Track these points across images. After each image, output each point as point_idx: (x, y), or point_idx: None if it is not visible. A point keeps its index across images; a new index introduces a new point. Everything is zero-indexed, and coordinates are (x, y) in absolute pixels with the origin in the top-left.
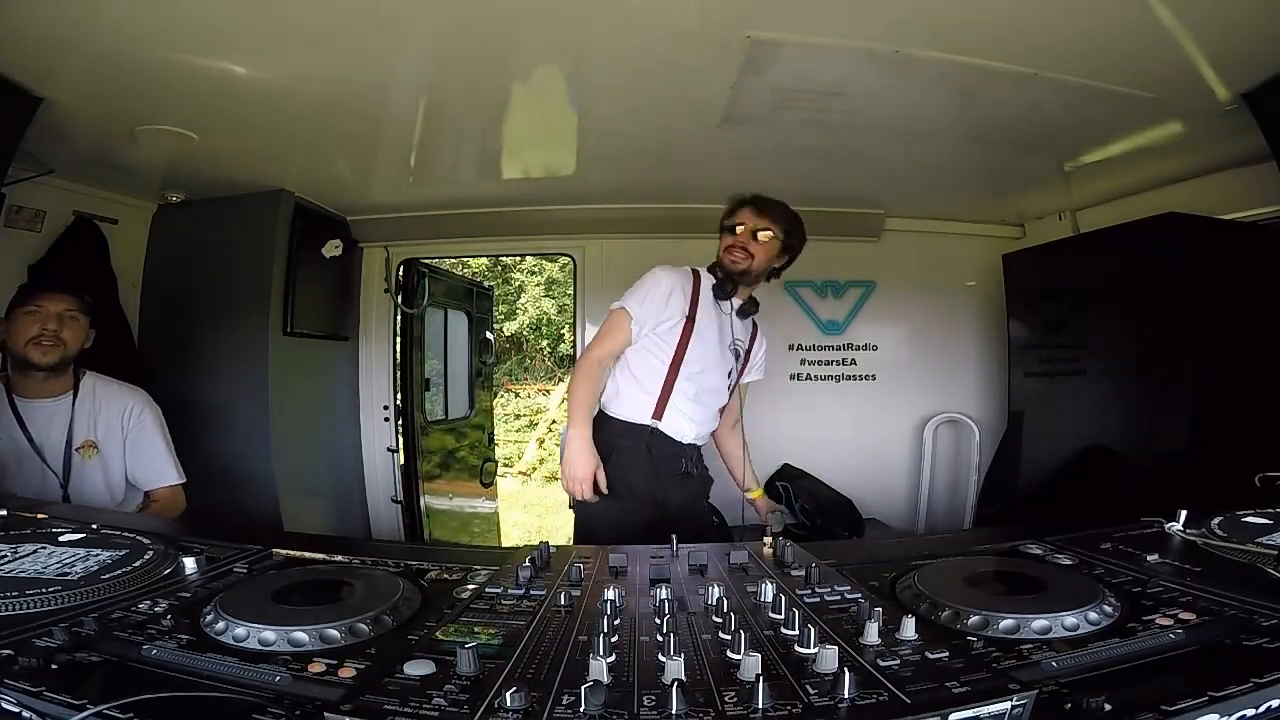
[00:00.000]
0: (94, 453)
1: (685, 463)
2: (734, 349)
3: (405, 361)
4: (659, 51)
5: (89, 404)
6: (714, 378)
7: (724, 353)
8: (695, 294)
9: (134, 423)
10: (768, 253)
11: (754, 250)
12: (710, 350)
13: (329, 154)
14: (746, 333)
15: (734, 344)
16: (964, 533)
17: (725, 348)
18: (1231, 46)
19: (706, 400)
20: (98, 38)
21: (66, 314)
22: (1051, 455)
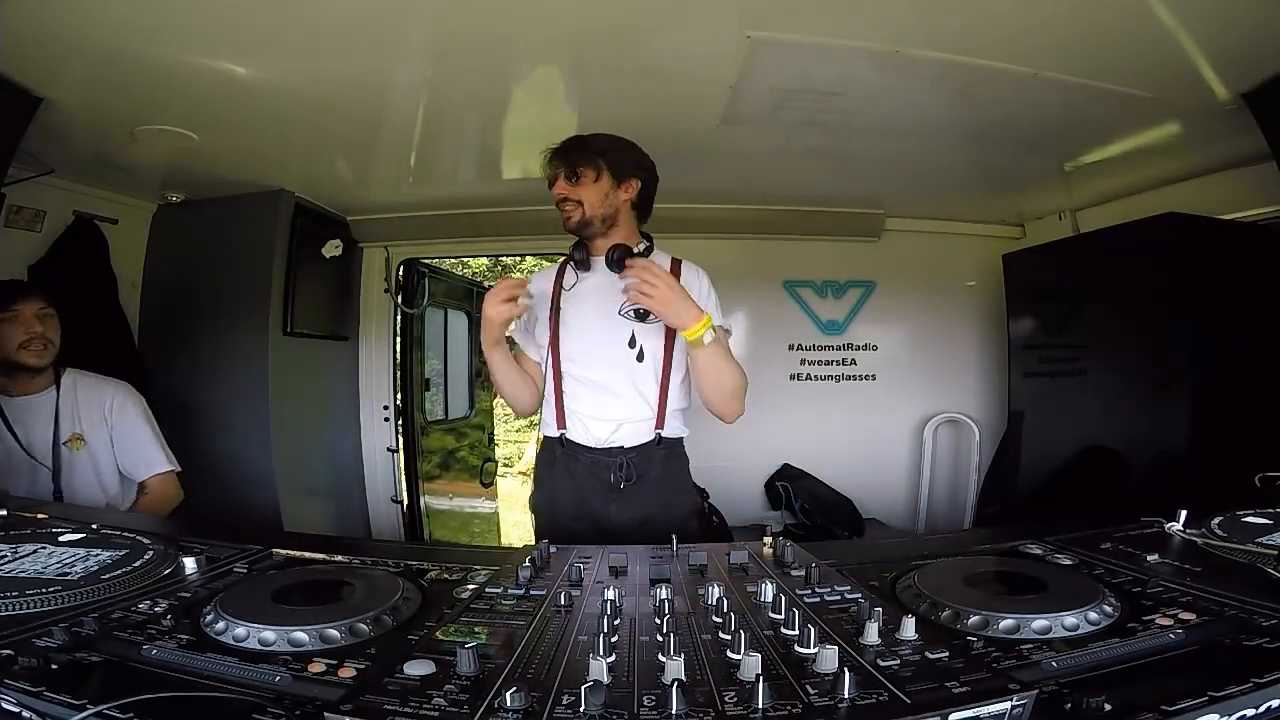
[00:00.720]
0: (81, 445)
1: (614, 474)
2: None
3: (405, 361)
4: (659, 51)
5: (71, 398)
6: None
7: (614, 324)
8: (559, 276)
9: (116, 413)
10: (597, 190)
11: (578, 195)
12: (590, 328)
13: (329, 154)
14: None
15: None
16: (964, 533)
17: (616, 316)
18: (1231, 46)
19: (616, 387)
20: (98, 38)
21: (43, 313)
22: (1051, 455)
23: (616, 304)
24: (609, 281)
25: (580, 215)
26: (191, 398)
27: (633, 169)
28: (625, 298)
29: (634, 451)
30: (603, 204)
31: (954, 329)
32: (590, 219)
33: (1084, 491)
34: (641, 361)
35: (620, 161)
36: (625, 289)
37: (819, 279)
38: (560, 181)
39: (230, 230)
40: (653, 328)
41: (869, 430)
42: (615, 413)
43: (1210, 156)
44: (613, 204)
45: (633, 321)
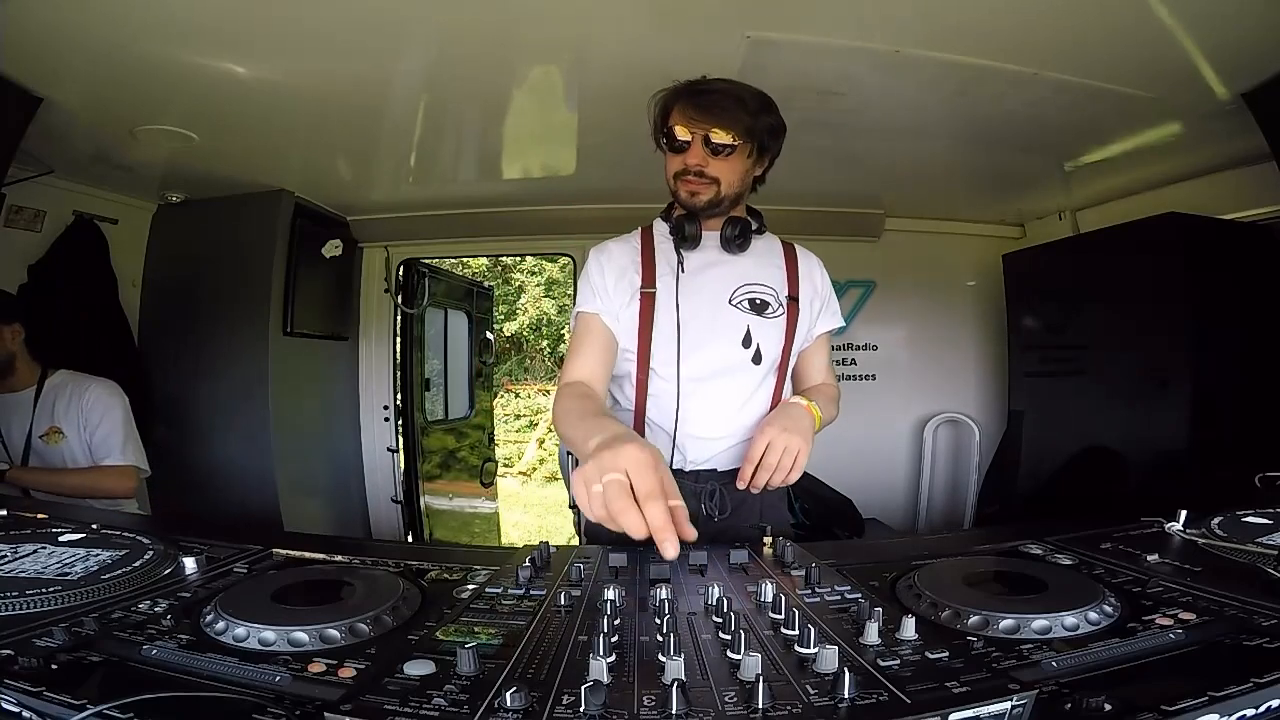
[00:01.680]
0: (60, 438)
1: (705, 504)
2: (749, 300)
3: (405, 361)
4: (658, 51)
5: (52, 396)
6: (718, 357)
7: (726, 317)
8: (649, 255)
9: (90, 405)
10: (740, 166)
11: (716, 172)
12: (696, 320)
13: (329, 154)
14: (770, 267)
15: (744, 294)
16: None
17: (727, 307)
18: (1231, 46)
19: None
20: (98, 38)
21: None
22: (1051, 455)
23: (729, 291)
24: (722, 263)
25: (714, 194)
26: (191, 398)
27: (777, 139)
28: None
29: (729, 476)
30: (741, 181)
31: (954, 329)
32: (723, 199)
33: (1084, 491)
34: (758, 364)
35: (770, 131)
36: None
37: None
38: (697, 147)
39: (230, 230)
40: (772, 322)
41: (869, 430)
42: (723, 429)
43: (1210, 156)
44: (746, 183)
45: (748, 314)
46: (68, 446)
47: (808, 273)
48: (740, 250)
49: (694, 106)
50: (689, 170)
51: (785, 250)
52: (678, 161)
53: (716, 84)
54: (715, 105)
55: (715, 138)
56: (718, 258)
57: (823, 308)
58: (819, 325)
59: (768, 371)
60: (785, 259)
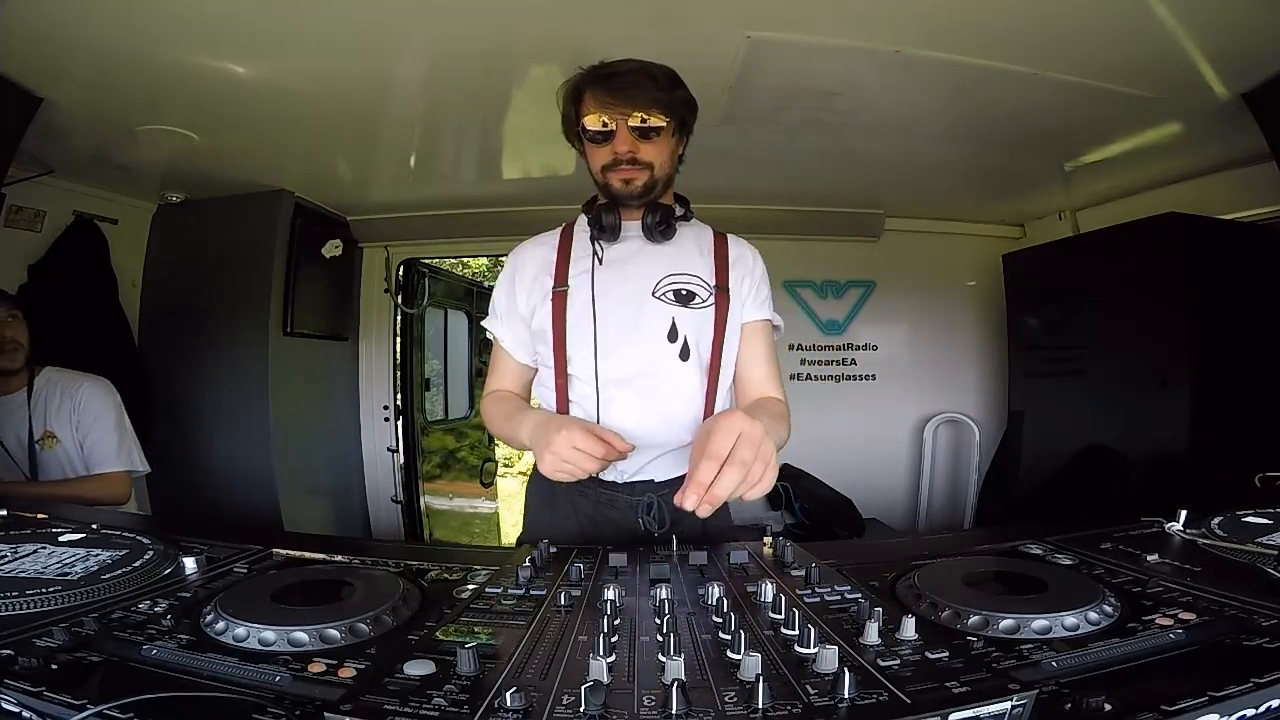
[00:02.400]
0: (54, 443)
1: (642, 518)
2: (674, 291)
3: (405, 361)
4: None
5: (43, 397)
6: (642, 353)
7: (649, 310)
8: (565, 253)
9: (82, 407)
10: (668, 146)
11: (648, 157)
12: (616, 315)
13: (329, 154)
14: (697, 255)
15: (669, 284)
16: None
17: (651, 299)
18: (1231, 46)
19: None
20: (98, 38)
21: (9, 317)
22: (1051, 455)
23: (653, 284)
24: (645, 254)
25: (648, 179)
26: (191, 398)
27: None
28: (662, 273)
29: (666, 487)
30: (671, 164)
31: (954, 329)
32: (656, 183)
33: (1084, 491)
34: (686, 360)
35: (688, 107)
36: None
37: (819, 279)
38: (623, 133)
39: (230, 230)
40: (699, 313)
41: (869, 430)
42: (648, 433)
43: (1210, 156)
44: (675, 163)
45: (673, 306)
46: (63, 451)
47: (739, 260)
48: (665, 238)
49: (610, 91)
50: (620, 159)
51: (715, 238)
52: (604, 153)
53: (626, 64)
54: (632, 86)
55: (639, 121)
56: (640, 248)
57: (750, 296)
58: (748, 313)
59: (698, 369)
60: (715, 246)
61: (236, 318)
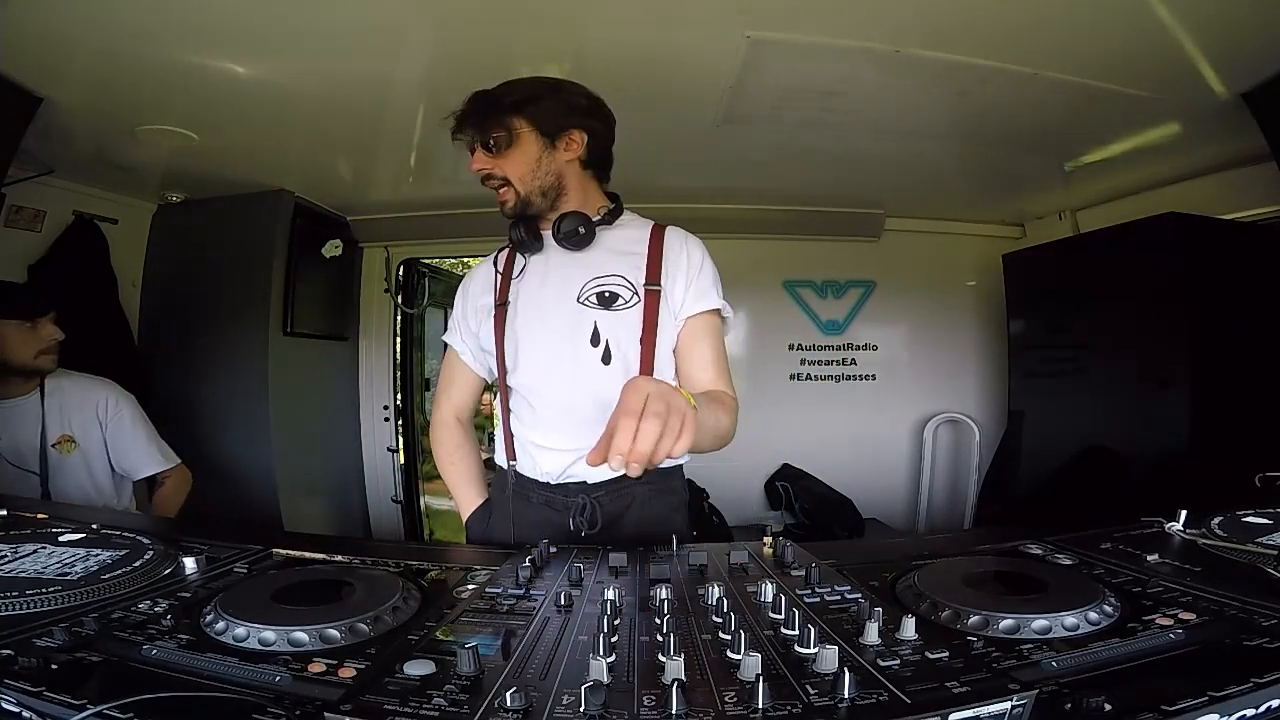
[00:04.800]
0: (73, 447)
1: (573, 519)
2: (599, 294)
3: (405, 361)
4: (658, 51)
5: (57, 400)
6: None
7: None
8: (508, 265)
9: (111, 415)
10: (525, 158)
11: (503, 169)
12: (540, 323)
13: (329, 154)
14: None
15: (592, 289)
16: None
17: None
18: (1231, 46)
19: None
20: (98, 37)
21: (58, 321)
22: (1051, 455)
23: (575, 290)
24: (565, 263)
25: (516, 197)
26: (191, 398)
27: (567, 118)
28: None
29: (601, 489)
30: (536, 174)
31: (954, 329)
32: (528, 197)
33: (1084, 491)
34: (608, 364)
35: (546, 113)
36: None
37: (819, 279)
38: (478, 153)
39: (230, 230)
40: (623, 314)
41: (869, 430)
42: (572, 439)
43: (1210, 156)
44: (551, 170)
45: (595, 309)
46: (81, 455)
47: (675, 256)
48: (580, 246)
49: (463, 123)
50: (483, 179)
51: (652, 235)
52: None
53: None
54: (467, 116)
55: (481, 140)
56: (560, 256)
57: (688, 289)
58: (686, 307)
59: (622, 371)
60: (649, 244)
61: (236, 318)
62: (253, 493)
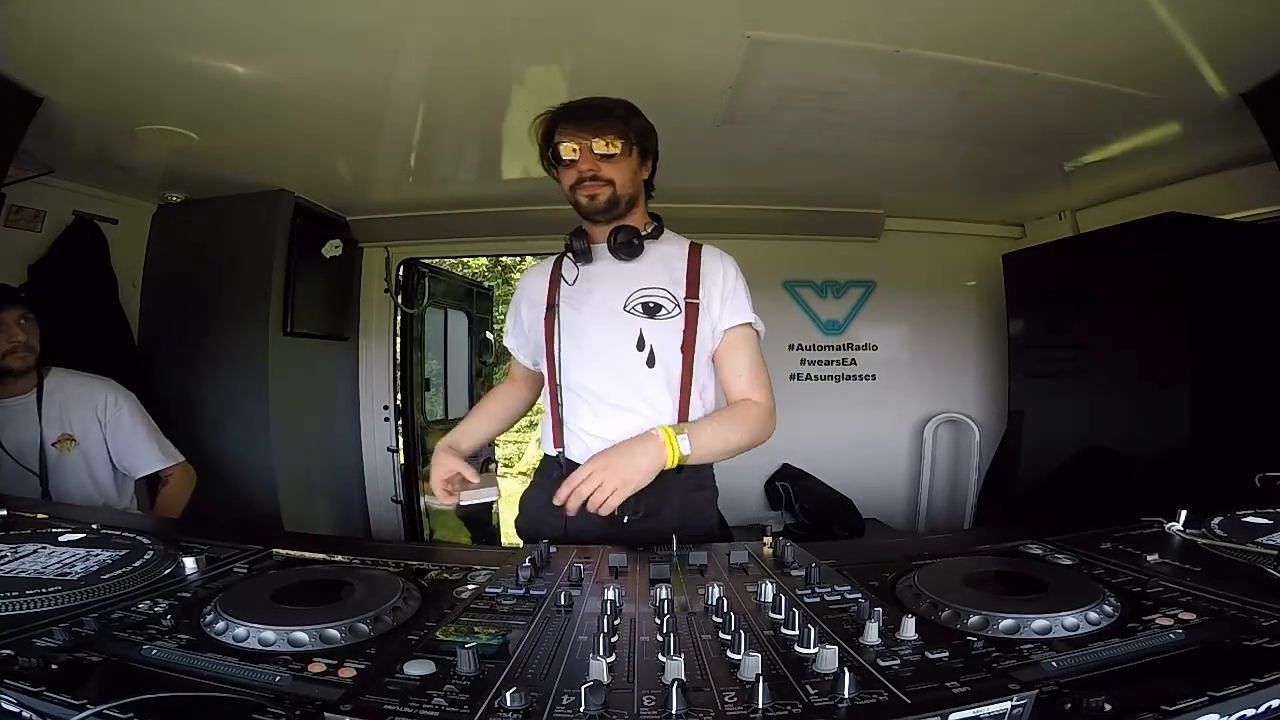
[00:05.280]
0: (73, 446)
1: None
2: (642, 305)
3: (405, 361)
4: (659, 51)
5: (56, 399)
6: (611, 361)
7: (619, 322)
8: (556, 275)
9: (111, 414)
10: (628, 166)
11: (609, 173)
12: (591, 328)
13: (329, 154)
14: (668, 270)
15: (638, 299)
16: (964, 533)
17: (621, 313)
18: (1231, 46)
19: (620, 399)
20: (98, 37)
21: (23, 319)
22: (1051, 455)
23: (623, 298)
24: (615, 272)
25: (610, 194)
26: (191, 398)
27: (652, 142)
28: (632, 288)
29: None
30: (632, 183)
31: (954, 329)
32: (619, 199)
33: (1084, 491)
34: (652, 367)
35: (644, 135)
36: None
37: (819, 279)
38: (585, 155)
39: (230, 230)
40: (666, 324)
41: (869, 430)
42: (615, 432)
43: (1210, 156)
44: (637, 182)
45: (641, 318)
46: (81, 454)
47: (711, 272)
48: (631, 256)
49: (575, 123)
50: (584, 177)
51: (690, 252)
52: (571, 174)
53: (587, 100)
54: (591, 118)
55: (598, 147)
56: (611, 267)
57: (724, 304)
58: (721, 321)
59: (665, 375)
60: (688, 261)
61: (236, 318)
62: (253, 493)
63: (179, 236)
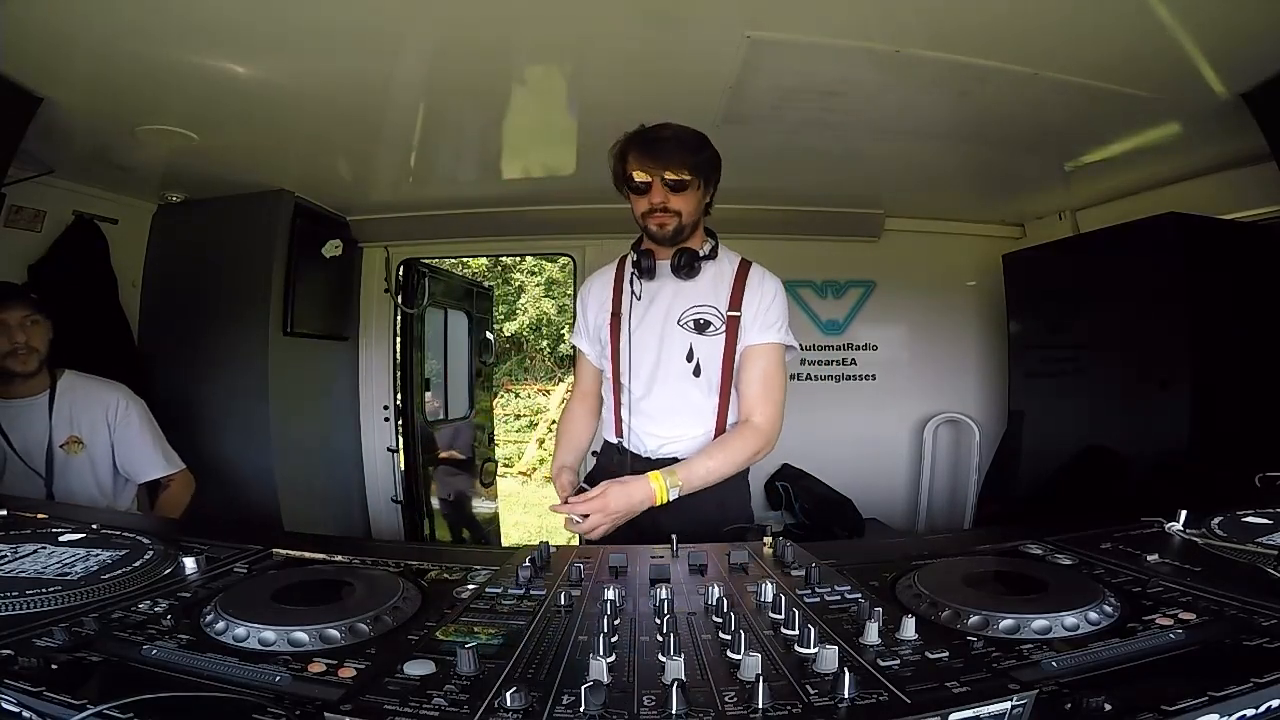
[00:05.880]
0: (80, 448)
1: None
2: (694, 321)
3: (405, 361)
4: (659, 51)
5: (67, 401)
6: (664, 370)
7: (673, 336)
8: (619, 283)
9: (120, 418)
10: (696, 199)
11: (677, 206)
12: (649, 339)
13: (329, 154)
14: (718, 288)
15: (691, 315)
16: (964, 533)
17: (675, 327)
18: (1231, 46)
19: (671, 403)
20: (98, 37)
21: (28, 320)
22: (1051, 455)
23: (678, 314)
24: (674, 289)
25: (677, 224)
26: (191, 398)
27: (717, 168)
28: (686, 305)
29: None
30: (697, 211)
31: (954, 329)
32: (684, 227)
33: (1084, 491)
34: (698, 377)
35: (708, 165)
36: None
37: (819, 279)
38: (658, 187)
39: (230, 230)
40: (711, 340)
41: (869, 430)
42: (670, 429)
43: (1210, 156)
44: (700, 210)
45: (691, 333)
46: (88, 457)
47: (753, 292)
48: (689, 276)
49: (648, 154)
50: (654, 208)
51: (739, 270)
52: (643, 202)
53: (663, 131)
54: (665, 151)
55: (670, 177)
56: (670, 285)
57: (754, 321)
58: (748, 336)
59: (709, 382)
60: (735, 279)
61: (236, 318)
62: (253, 493)
63: (179, 236)
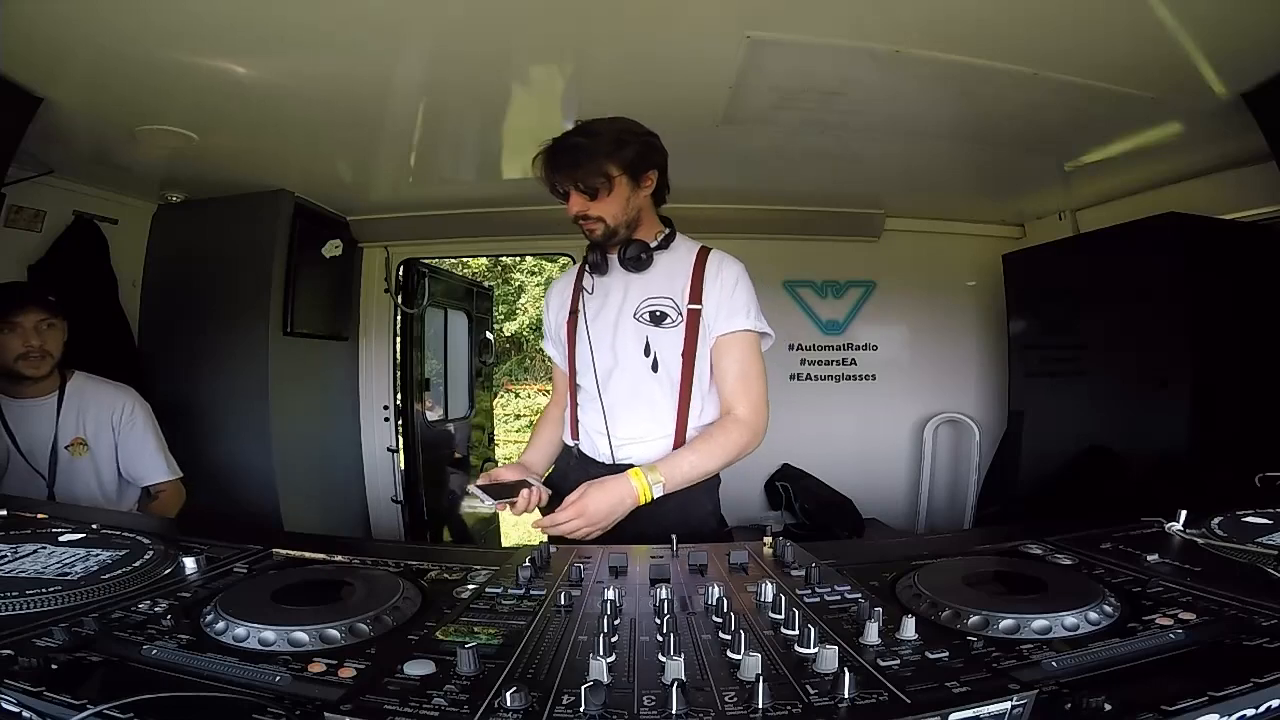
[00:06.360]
0: (84, 450)
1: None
2: (650, 313)
3: (405, 361)
4: (659, 51)
5: (75, 402)
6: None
7: (628, 330)
8: (578, 282)
9: (126, 421)
10: (618, 200)
11: (598, 212)
12: (603, 335)
13: (329, 154)
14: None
15: (646, 308)
16: (964, 533)
17: (631, 320)
18: (1231, 46)
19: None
20: (98, 38)
21: (44, 324)
22: (1051, 455)
23: (633, 307)
24: (626, 283)
25: (604, 229)
26: (191, 398)
27: (648, 159)
28: (641, 298)
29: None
30: (625, 211)
31: (954, 329)
32: (615, 229)
33: (1084, 491)
34: (656, 373)
35: (634, 158)
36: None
37: (819, 279)
38: (575, 197)
39: (230, 230)
40: (669, 333)
41: (869, 430)
42: (626, 430)
43: (1210, 156)
44: (635, 205)
45: (647, 326)
46: (91, 459)
47: (712, 279)
48: (639, 269)
49: (553, 166)
50: (577, 216)
51: (696, 259)
52: (569, 210)
53: (571, 138)
54: (568, 162)
55: (581, 186)
56: (622, 278)
57: (719, 310)
58: (716, 326)
59: (668, 378)
60: (693, 269)
61: (236, 318)
62: (253, 493)
63: (179, 236)
